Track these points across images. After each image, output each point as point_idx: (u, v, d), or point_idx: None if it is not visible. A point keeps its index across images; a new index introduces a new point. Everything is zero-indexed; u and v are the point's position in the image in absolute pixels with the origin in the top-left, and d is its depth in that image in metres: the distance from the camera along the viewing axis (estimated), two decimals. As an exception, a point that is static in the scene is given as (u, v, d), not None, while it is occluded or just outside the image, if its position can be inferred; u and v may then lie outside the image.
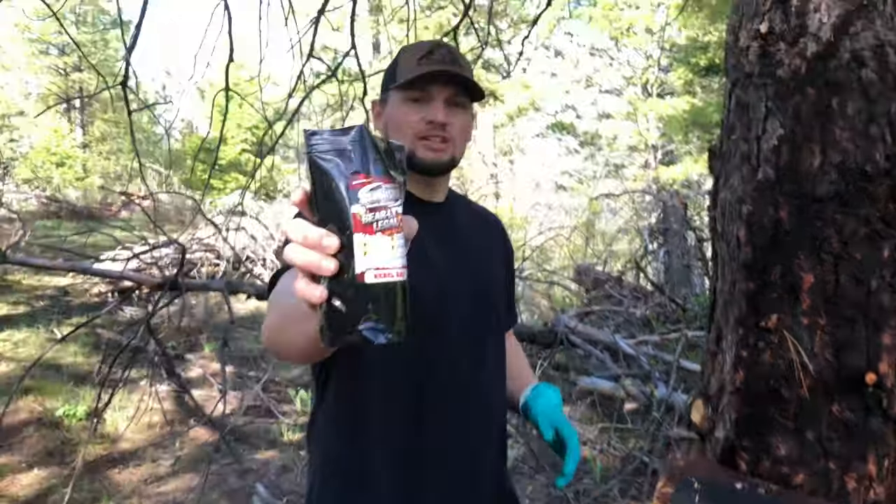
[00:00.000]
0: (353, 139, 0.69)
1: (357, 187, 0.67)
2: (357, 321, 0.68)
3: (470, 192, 10.76)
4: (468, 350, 1.31)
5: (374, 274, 0.66)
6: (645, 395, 4.43)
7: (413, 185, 1.31)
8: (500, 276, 1.47)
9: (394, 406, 1.24)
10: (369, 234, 0.66)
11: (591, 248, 10.54)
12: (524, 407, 1.44)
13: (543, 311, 7.70)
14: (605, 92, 18.61)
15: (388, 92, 1.32)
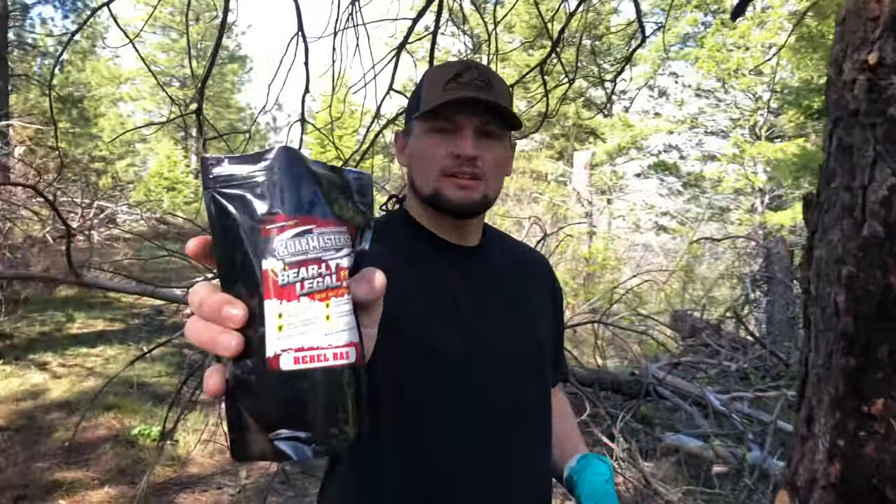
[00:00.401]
0: (272, 166, 0.50)
1: (272, 234, 0.48)
2: (269, 427, 0.49)
3: (564, 231, 10.54)
4: (505, 424, 1.13)
5: (295, 358, 0.48)
6: (736, 458, 4.08)
7: (440, 227, 1.17)
8: (546, 328, 1.29)
9: (413, 485, 1.07)
10: (288, 301, 0.48)
11: (689, 293, 10.07)
12: (568, 480, 1.26)
13: (632, 358, 7.34)
14: (711, 133, 18.01)
15: (412, 122, 1.17)
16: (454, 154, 1.09)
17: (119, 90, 25.65)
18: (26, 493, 4.09)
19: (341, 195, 0.54)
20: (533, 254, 1.40)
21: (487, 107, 1.09)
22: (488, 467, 1.09)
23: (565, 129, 17.37)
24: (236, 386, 0.49)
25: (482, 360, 1.11)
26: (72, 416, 4.61)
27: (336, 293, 0.50)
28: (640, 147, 17.26)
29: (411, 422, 1.06)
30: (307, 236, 0.49)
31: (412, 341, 1.04)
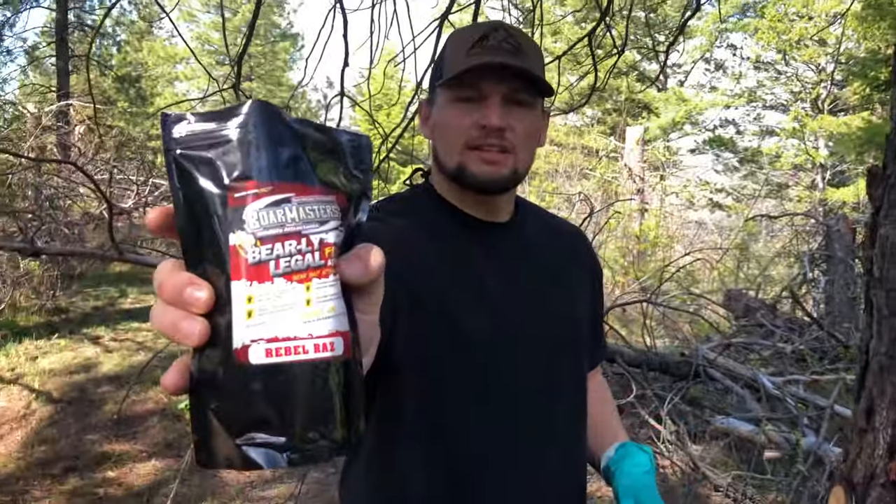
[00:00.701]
0: (244, 123, 0.42)
1: (242, 202, 0.41)
2: (237, 430, 0.41)
3: (613, 207, 10.33)
4: (533, 406, 1.06)
5: (267, 350, 0.40)
6: (790, 444, 3.92)
7: (467, 203, 1.09)
8: (583, 306, 1.20)
9: (438, 481, 1.01)
10: (260, 283, 0.40)
11: (743, 272, 9.79)
12: (605, 470, 1.17)
13: (682, 339, 7.16)
14: (770, 107, 17.43)
15: (435, 90, 1.07)
16: (480, 125, 1.00)
17: (175, 69, 26.05)
18: (77, 464, 4.19)
19: (330, 158, 0.46)
20: (570, 228, 1.29)
21: (516, 73, 1.00)
22: (513, 450, 1.03)
23: (617, 103, 17.01)
24: (200, 381, 0.42)
25: (509, 338, 1.04)
26: (121, 390, 4.70)
27: (319, 273, 0.42)
28: (694, 122, 16.82)
29: (433, 401, 1.00)
30: (284, 206, 0.42)
31: (436, 319, 0.98)
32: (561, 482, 1.11)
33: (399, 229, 1.02)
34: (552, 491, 1.09)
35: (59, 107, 13.33)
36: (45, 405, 4.84)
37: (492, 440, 1.02)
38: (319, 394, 0.41)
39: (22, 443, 4.42)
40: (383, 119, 14.27)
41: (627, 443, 1.19)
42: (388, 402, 1.00)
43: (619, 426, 1.28)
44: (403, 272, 0.93)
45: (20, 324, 6.23)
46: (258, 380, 0.40)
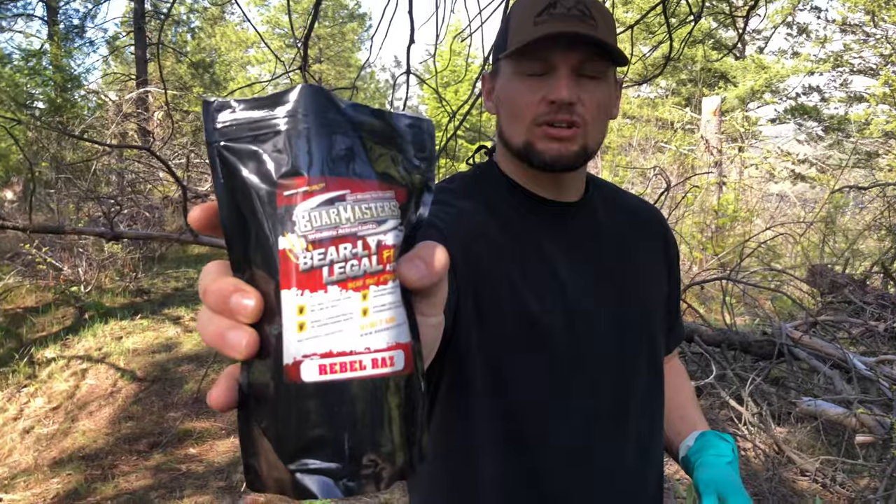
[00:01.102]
0: (293, 110, 0.38)
1: (292, 201, 0.37)
2: (288, 454, 0.37)
3: (690, 181, 10.02)
4: (608, 395, 1.01)
5: (321, 366, 0.36)
6: (883, 427, 3.72)
7: (534, 182, 1.02)
8: (658, 289, 1.14)
9: (512, 475, 0.97)
10: (313, 291, 0.37)
11: (829, 246, 9.35)
12: (684, 461, 1.11)
13: (763, 317, 6.90)
14: (857, 72, 16.53)
15: (499, 62, 1.00)
16: (548, 100, 0.93)
17: (246, 54, 26.53)
18: (160, 440, 4.33)
19: (388, 147, 0.41)
20: (645, 207, 1.21)
21: (586, 42, 0.93)
22: (588, 441, 0.99)
23: (692, 73, 16.44)
24: (250, 397, 0.38)
25: (580, 325, 0.99)
26: (201, 369, 4.83)
27: (377, 280, 0.38)
28: (775, 90, 16.11)
29: (504, 393, 0.96)
30: (338, 204, 0.37)
31: (504, 308, 0.94)
32: (637, 474, 1.06)
33: (462, 211, 0.98)
34: (628, 483, 1.04)
35: (139, 94, 13.78)
36: (129, 383, 5.03)
37: (567, 432, 0.98)
38: (378, 414, 0.38)
39: (109, 419, 4.59)
40: (451, 96, 14.20)
41: (707, 431, 1.12)
42: (455, 395, 0.97)
43: (697, 413, 1.22)
44: (468, 256, 0.91)
45: (106, 305, 6.48)
46: (311, 399, 0.37)
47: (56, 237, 6.65)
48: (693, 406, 1.23)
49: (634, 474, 1.05)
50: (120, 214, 8.32)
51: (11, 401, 4.89)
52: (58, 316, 6.26)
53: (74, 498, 3.71)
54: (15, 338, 5.84)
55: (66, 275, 6.93)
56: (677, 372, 1.28)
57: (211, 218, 0.40)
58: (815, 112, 16.20)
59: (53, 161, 9.04)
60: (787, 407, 4.37)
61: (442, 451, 1.00)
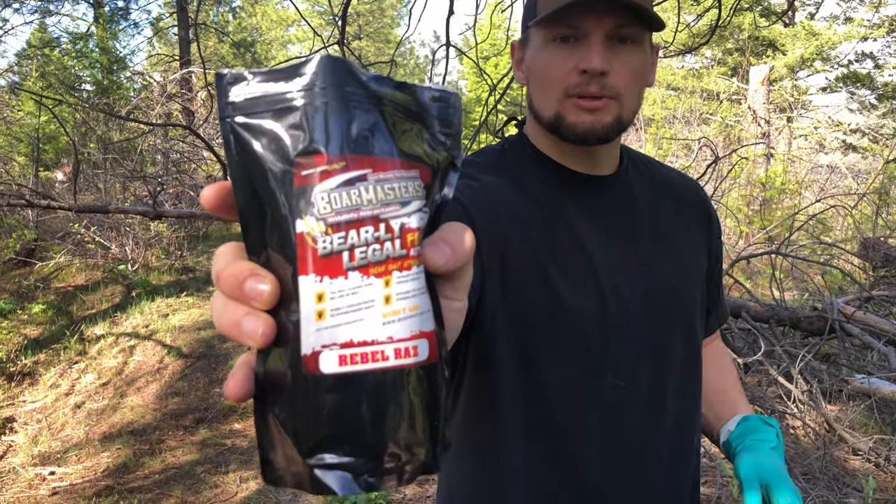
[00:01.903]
0: (310, 84, 0.35)
1: (311, 181, 0.34)
2: (305, 448, 0.35)
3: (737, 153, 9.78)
4: (644, 382, 0.96)
5: (340, 357, 0.34)
6: (941, 406, 3.60)
7: (565, 156, 0.98)
8: (696, 267, 1.08)
9: (538, 447, 0.93)
10: (332, 278, 0.34)
11: (882, 218, 9.06)
12: (725, 445, 1.06)
13: (813, 291, 6.72)
14: (915, 36, 15.90)
15: (528, 30, 0.96)
16: (580, 69, 0.88)
17: (287, 32, 26.62)
18: (206, 415, 4.41)
19: (413, 123, 0.38)
20: (684, 181, 1.15)
21: (621, 5, 0.87)
22: (619, 426, 0.95)
23: (739, 42, 15.99)
24: (266, 387, 0.36)
25: (611, 305, 0.94)
26: (245, 346, 4.89)
27: (400, 265, 0.36)
28: (826, 58, 15.57)
29: (531, 374, 0.93)
30: (359, 185, 0.35)
31: (532, 286, 0.91)
32: (673, 465, 1.01)
33: (489, 186, 0.95)
34: (664, 475, 1.00)
35: (182, 74, 13.94)
36: (176, 360, 5.12)
37: (596, 418, 0.94)
38: (401, 407, 0.35)
39: (157, 395, 4.69)
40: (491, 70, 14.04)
41: (750, 416, 1.07)
42: (482, 376, 0.94)
43: (740, 396, 1.16)
44: (494, 233, 0.88)
45: (152, 282, 6.60)
46: (331, 392, 0.34)
47: (104, 217, 6.78)
48: (736, 389, 1.18)
49: (670, 465, 1.01)
50: (165, 193, 8.45)
51: (63, 377, 5.02)
52: (106, 294, 6.39)
53: (123, 472, 3.80)
54: (66, 315, 5.99)
55: (114, 253, 7.08)
56: (721, 354, 1.23)
57: (224, 198, 0.37)
58: (869, 79, 15.64)
59: (100, 142, 9.20)
60: (839, 384, 4.25)
61: (469, 435, 0.98)
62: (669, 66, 16.30)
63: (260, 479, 3.61)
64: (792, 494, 0.91)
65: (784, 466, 0.97)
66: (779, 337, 4.68)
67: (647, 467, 0.97)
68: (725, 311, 1.24)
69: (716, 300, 1.18)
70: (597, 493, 0.94)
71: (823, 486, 3.34)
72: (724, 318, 1.23)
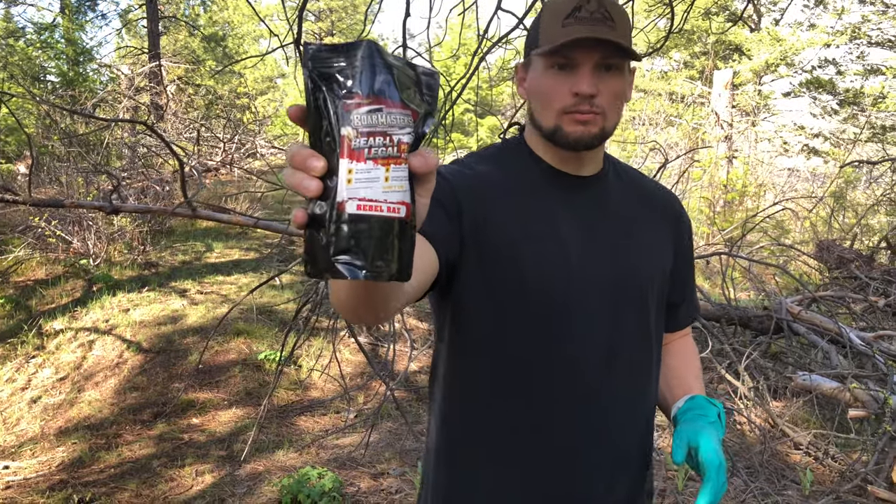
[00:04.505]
0: (358, 55, 0.62)
1: (350, 108, 0.60)
2: (333, 252, 0.61)
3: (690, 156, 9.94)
4: (599, 355, 1.14)
5: (357, 205, 0.60)
6: (877, 402, 3.74)
7: (556, 158, 1.20)
8: (662, 263, 1.25)
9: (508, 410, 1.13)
10: (357, 161, 0.60)
11: (838, 221, 9.28)
12: (674, 420, 1.23)
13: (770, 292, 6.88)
14: (875, 44, 16.23)
15: (530, 56, 1.16)
16: (573, 92, 1.10)
17: (259, 27, 26.40)
18: (164, 410, 4.42)
19: (411, 85, 0.64)
20: (660, 190, 1.36)
21: (606, 44, 1.08)
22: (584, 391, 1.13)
23: (707, 46, 16.22)
24: (313, 219, 0.62)
25: (577, 287, 1.13)
26: (206, 341, 4.90)
27: (395, 162, 0.61)
28: (790, 63, 15.87)
29: (499, 343, 1.12)
30: (377, 113, 0.60)
31: (507, 263, 1.10)
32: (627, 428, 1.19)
33: (478, 172, 1.17)
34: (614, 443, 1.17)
35: (151, 68, 13.80)
36: (135, 355, 5.11)
37: (559, 382, 1.12)
38: (385, 238, 0.61)
39: (115, 390, 4.69)
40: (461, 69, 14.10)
41: (697, 395, 1.24)
42: (462, 338, 1.15)
43: (696, 382, 1.32)
44: (474, 207, 1.09)
45: (114, 277, 6.55)
46: (351, 223, 0.60)
47: (66, 211, 6.72)
48: (694, 376, 1.34)
49: (626, 431, 1.18)
50: (130, 188, 8.38)
51: (20, 371, 4.99)
52: (67, 288, 6.34)
53: (79, 466, 3.80)
54: (24, 309, 5.93)
55: (76, 248, 7.02)
56: (687, 346, 1.40)
57: (302, 113, 0.63)
58: (831, 85, 15.98)
59: (64, 135, 9.09)
60: (784, 381, 4.39)
61: (447, 399, 1.18)
62: (639, 68, 16.48)
63: (216, 473, 3.65)
64: (714, 457, 1.07)
65: (717, 437, 1.12)
66: (729, 336, 4.82)
67: (609, 432, 1.16)
68: (696, 309, 1.42)
69: (685, 297, 1.36)
70: (567, 452, 1.13)
71: (764, 479, 3.46)
72: (694, 315, 1.41)
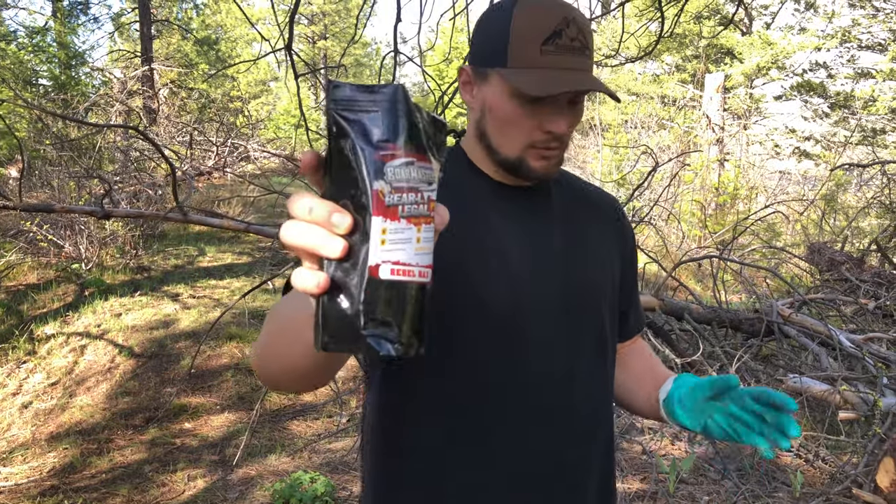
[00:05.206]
0: (389, 99, 0.56)
1: (384, 159, 0.55)
2: (362, 323, 0.56)
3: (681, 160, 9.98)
4: (551, 372, 1.05)
5: (391, 269, 0.55)
6: (867, 404, 3.76)
7: (494, 169, 1.10)
8: (610, 273, 1.18)
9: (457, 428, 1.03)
10: (391, 220, 0.54)
11: (829, 224, 9.33)
12: (666, 401, 1.13)
13: (761, 294, 6.91)
14: (865, 48, 16.34)
15: (493, 69, 1.02)
16: (545, 129, 1.01)
17: (252, 31, 26.35)
18: (156, 415, 4.41)
19: (435, 137, 0.59)
20: (600, 194, 1.27)
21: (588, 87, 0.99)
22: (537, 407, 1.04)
23: (699, 50, 16.29)
24: (335, 284, 0.56)
25: (523, 301, 1.04)
26: (198, 345, 4.90)
27: (426, 220, 0.56)
28: (781, 66, 15.96)
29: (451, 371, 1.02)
30: (410, 167, 0.55)
31: (452, 282, 0.99)
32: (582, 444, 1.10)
33: None
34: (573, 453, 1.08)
35: (143, 71, 13.77)
36: (127, 359, 5.10)
37: (511, 399, 1.03)
38: (418, 308, 0.56)
39: (106, 395, 4.68)
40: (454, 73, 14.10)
41: (682, 374, 1.15)
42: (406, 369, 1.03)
43: (667, 371, 1.25)
44: None
45: (106, 282, 6.54)
46: (384, 290, 0.54)
47: (57, 215, 6.71)
48: (662, 367, 1.27)
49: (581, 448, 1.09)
50: (122, 192, 8.36)
51: (11, 376, 4.98)
52: (59, 293, 6.33)
53: (70, 471, 3.79)
54: (16, 314, 5.91)
55: (68, 252, 7.00)
56: (647, 349, 1.33)
57: (318, 162, 0.58)
58: (822, 88, 16.07)
59: (56, 139, 9.07)
60: (775, 384, 4.40)
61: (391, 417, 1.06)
62: (631, 71, 16.54)
63: (208, 478, 3.64)
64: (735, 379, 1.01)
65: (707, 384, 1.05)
66: (720, 338, 4.84)
67: (562, 451, 1.06)
68: (643, 317, 1.35)
69: (633, 302, 1.28)
70: (513, 473, 1.03)
71: (755, 482, 3.48)
72: (642, 323, 1.33)
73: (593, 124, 12.03)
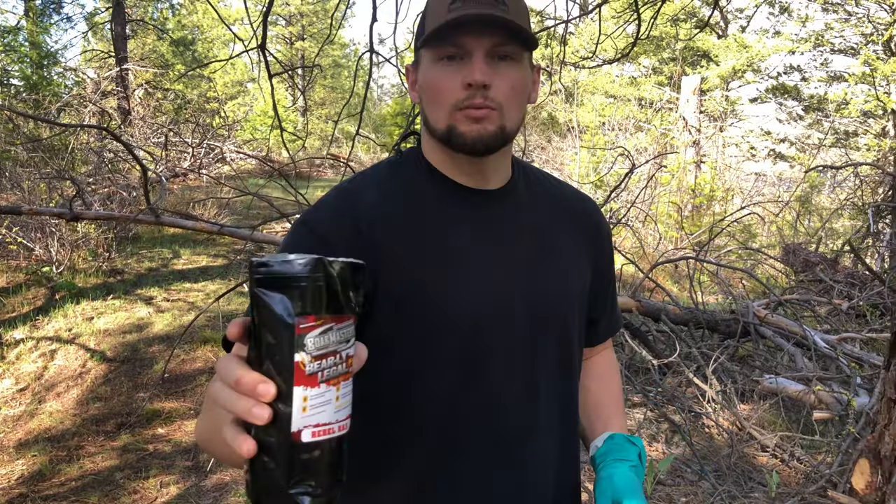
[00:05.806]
0: (306, 272, 0.60)
1: (304, 331, 0.59)
2: (287, 483, 0.60)
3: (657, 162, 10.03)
4: (517, 381, 1.02)
5: (312, 433, 0.59)
6: (841, 404, 3.78)
7: (456, 170, 1.04)
8: (580, 280, 1.13)
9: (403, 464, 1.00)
10: (312, 388, 0.59)
11: (803, 225, 9.43)
12: (592, 461, 1.12)
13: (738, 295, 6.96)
14: (838, 51, 16.54)
15: (419, 52, 1.01)
16: (465, 83, 0.95)
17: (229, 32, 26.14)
18: (128, 420, 4.33)
19: (352, 292, 0.63)
20: (578, 198, 1.20)
21: (497, 24, 0.94)
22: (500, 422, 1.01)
23: (675, 52, 16.41)
24: (261, 445, 0.60)
25: (488, 312, 0.99)
26: (172, 349, 4.82)
27: (345, 378, 0.62)
28: (756, 69, 16.11)
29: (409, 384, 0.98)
30: (329, 333, 0.60)
31: (410, 301, 0.96)
32: (547, 460, 1.07)
33: (377, 205, 1.01)
34: (537, 468, 1.06)
35: (117, 72, 13.60)
36: (99, 364, 5.01)
37: (472, 413, 0.99)
38: (336, 458, 0.62)
39: (77, 400, 4.59)
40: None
41: (616, 434, 1.12)
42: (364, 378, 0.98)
43: (616, 411, 1.21)
44: (361, 248, 0.93)
45: (78, 285, 6.43)
46: (304, 451, 0.59)
47: (28, 218, 6.58)
48: (615, 404, 1.23)
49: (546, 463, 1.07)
50: (95, 194, 8.23)
51: (-21, 382, 4.87)
52: (28, 297, 6.20)
53: (39, 479, 3.71)
54: (-16, 319, 5.80)
55: (38, 255, 6.87)
56: (608, 365, 1.28)
57: (241, 331, 0.62)
58: (796, 91, 16.24)
59: (26, 140, 8.92)
60: (751, 385, 4.42)
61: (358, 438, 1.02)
62: (608, 73, 16.62)
63: (181, 484, 3.58)
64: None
65: (639, 484, 1.03)
66: (697, 339, 4.85)
67: (525, 465, 1.03)
68: (618, 321, 1.30)
69: (607, 311, 1.24)
70: (476, 489, 1.00)
71: (731, 482, 3.48)
72: (616, 328, 1.29)
73: (571, 126, 12.06)
